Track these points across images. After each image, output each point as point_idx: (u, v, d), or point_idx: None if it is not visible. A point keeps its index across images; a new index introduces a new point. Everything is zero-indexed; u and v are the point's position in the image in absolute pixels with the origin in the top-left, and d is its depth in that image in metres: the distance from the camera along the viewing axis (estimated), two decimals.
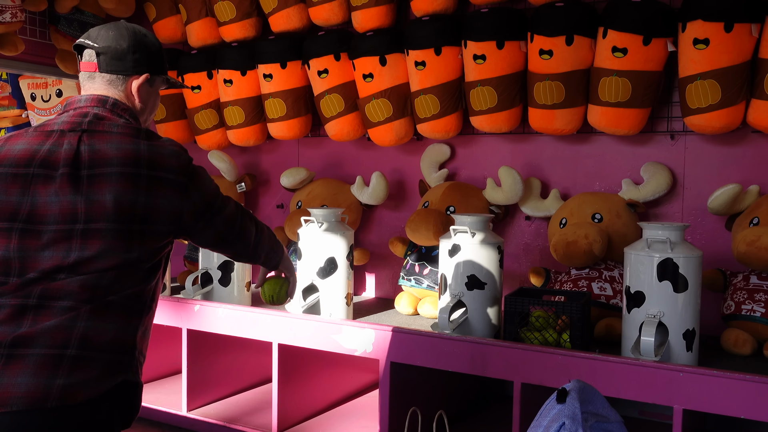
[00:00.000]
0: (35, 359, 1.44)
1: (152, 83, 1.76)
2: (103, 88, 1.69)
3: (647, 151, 3.06)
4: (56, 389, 1.43)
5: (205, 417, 3.21)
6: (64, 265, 1.50)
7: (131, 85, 1.70)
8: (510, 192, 3.10)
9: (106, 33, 1.68)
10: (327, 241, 2.95)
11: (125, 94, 1.70)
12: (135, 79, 1.71)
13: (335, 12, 3.41)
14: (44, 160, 1.55)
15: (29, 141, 1.59)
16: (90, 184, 1.52)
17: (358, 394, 3.48)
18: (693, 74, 2.68)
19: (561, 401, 1.36)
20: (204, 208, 1.67)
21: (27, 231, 1.52)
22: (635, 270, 2.41)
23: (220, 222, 1.72)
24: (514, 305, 2.60)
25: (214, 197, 1.70)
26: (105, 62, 1.68)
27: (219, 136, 3.93)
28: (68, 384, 1.45)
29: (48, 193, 1.52)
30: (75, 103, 1.67)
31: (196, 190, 1.64)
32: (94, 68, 1.68)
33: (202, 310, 3.14)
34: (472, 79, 3.07)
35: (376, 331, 2.71)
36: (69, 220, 1.51)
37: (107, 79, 1.68)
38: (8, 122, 4.84)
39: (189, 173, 1.62)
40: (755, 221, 2.65)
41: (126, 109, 1.68)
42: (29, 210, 1.53)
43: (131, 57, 1.69)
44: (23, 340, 1.46)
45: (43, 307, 1.48)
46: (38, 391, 1.42)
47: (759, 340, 2.57)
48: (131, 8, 3.90)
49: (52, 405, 1.43)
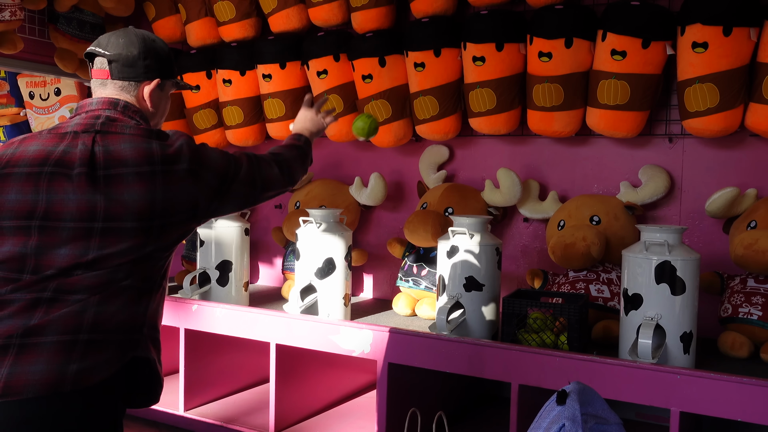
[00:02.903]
0: (48, 347, 1.47)
1: (163, 88, 1.80)
2: (115, 93, 1.72)
3: (645, 154, 3.06)
4: (71, 374, 1.47)
5: (202, 417, 3.21)
6: (82, 262, 1.52)
7: (143, 90, 1.74)
8: (508, 194, 3.10)
9: (117, 40, 1.72)
10: (325, 241, 2.95)
11: (137, 99, 1.74)
12: (146, 84, 1.74)
13: (335, 13, 3.41)
14: (59, 160, 1.57)
15: (43, 142, 1.62)
16: (107, 185, 1.55)
17: (355, 394, 3.48)
18: (691, 77, 2.69)
19: (561, 403, 1.36)
20: (219, 183, 1.71)
21: (45, 228, 1.54)
22: (633, 272, 2.41)
23: (239, 187, 1.76)
24: (512, 307, 2.61)
25: (225, 168, 1.73)
26: (117, 69, 1.72)
27: (218, 135, 3.93)
28: (82, 368, 1.48)
29: (65, 191, 1.55)
30: (87, 106, 1.70)
31: (207, 171, 1.68)
32: (106, 76, 1.72)
33: (199, 310, 3.14)
34: (471, 80, 3.08)
35: (374, 331, 2.71)
36: (87, 218, 1.54)
37: (119, 86, 1.72)
38: (6, 120, 4.83)
39: (198, 159, 1.66)
40: (753, 224, 2.65)
41: (137, 111, 1.71)
42: (45, 207, 1.55)
43: (142, 63, 1.73)
44: (35, 330, 1.48)
45: (58, 300, 1.51)
46: (52, 377, 1.45)
47: (756, 343, 2.58)
48: (131, 7, 3.89)
49: (67, 390, 1.46)
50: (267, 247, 4.06)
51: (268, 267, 4.10)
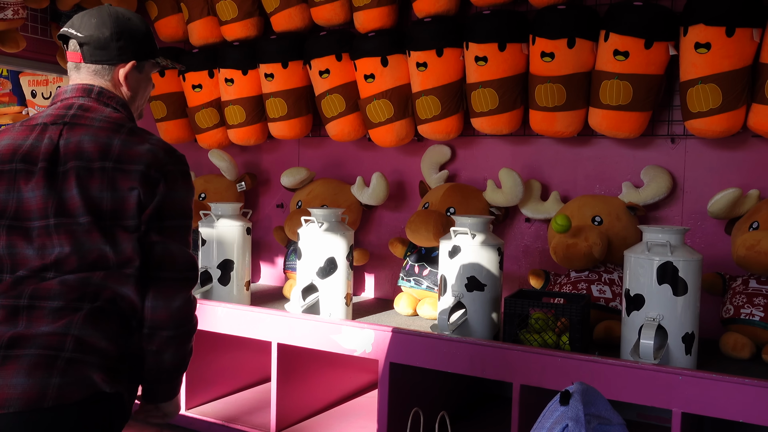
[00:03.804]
0: (29, 359, 1.42)
1: (141, 69, 1.69)
2: (89, 78, 1.64)
3: (648, 155, 3.06)
4: (52, 389, 1.40)
5: (203, 416, 3.21)
6: (48, 263, 1.48)
7: (118, 73, 1.64)
8: (510, 194, 3.10)
9: (89, 20, 1.62)
10: (327, 241, 2.95)
11: (113, 83, 1.64)
12: (121, 67, 1.64)
13: (337, 12, 3.41)
14: (26, 155, 1.53)
15: (14, 136, 1.57)
16: (64, 180, 1.49)
17: (356, 394, 3.49)
18: (694, 78, 2.69)
19: (564, 403, 1.36)
20: (156, 214, 1.53)
21: (14, 228, 1.51)
22: (635, 273, 2.41)
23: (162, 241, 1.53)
24: (514, 307, 2.61)
25: (174, 211, 1.55)
26: (89, 53, 1.62)
27: (219, 135, 3.93)
28: (64, 383, 1.42)
29: (28, 189, 1.51)
30: (62, 94, 1.63)
31: (164, 191, 1.52)
32: (79, 59, 1.63)
33: (201, 309, 3.14)
34: (474, 80, 3.08)
35: (376, 331, 2.71)
36: (44, 216, 1.50)
37: (93, 70, 1.63)
38: (8, 119, 4.84)
39: (164, 172, 1.53)
40: (755, 225, 2.65)
41: (112, 97, 1.63)
42: (16, 206, 1.51)
43: (115, 45, 1.62)
44: (19, 340, 1.44)
45: (35, 307, 1.46)
46: (34, 392, 1.39)
47: (758, 344, 2.58)
48: (133, 6, 3.89)
49: (48, 405, 1.40)
50: (269, 247, 4.07)
51: (270, 266, 4.10)
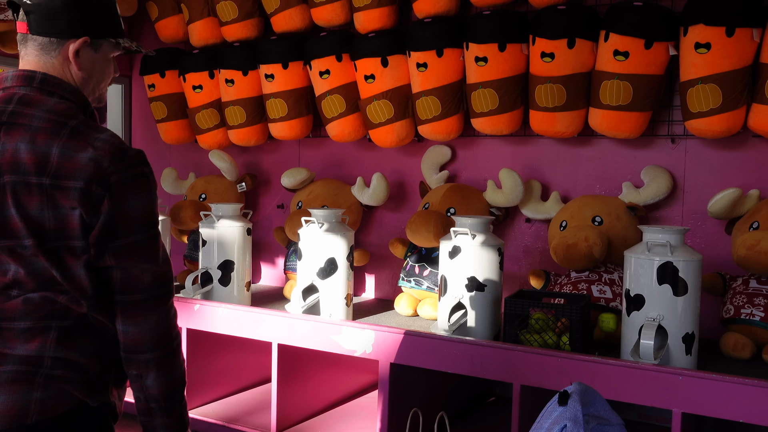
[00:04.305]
0: (7, 376, 1.35)
1: (97, 48, 1.48)
2: (34, 54, 1.43)
3: (648, 155, 3.06)
4: (34, 403, 1.34)
5: (204, 416, 3.21)
6: (9, 282, 1.38)
7: (68, 49, 1.43)
8: (510, 194, 3.10)
9: None
10: (327, 241, 2.96)
11: (60, 61, 1.44)
12: (72, 43, 1.43)
13: (337, 13, 3.41)
14: None
15: None
16: (2, 196, 1.34)
17: (357, 394, 3.48)
18: (694, 78, 2.69)
19: (563, 403, 1.36)
20: (105, 234, 1.35)
21: None
22: (635, 273, 2.41)
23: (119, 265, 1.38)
24: (514, 307, 2.61)
25: (129, 226, 1.37)
26: (35, 22, 1.41)
27: (220, 135, 3.93)
28: (46, 396, 1.35)
29: None
30: (3, 82, 1.43)
31: (110, 209, 1.35)
32: (25, 29, 1.43)
33: (201, 310, 3.14)
34: (474, 81, 3.08)
35: (376, 332, 2.71)
36: None
37: (39, 43, 1.43)
38: None
39: (108, 185, 1.34)
40: (755, 225, 2.65)
41: (58, 84, 1.43)
42: None
43: (65, 17, 1.41)
44: None
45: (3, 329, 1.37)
46: (15, 408, 1.33)
47: (758, 344, 2.58)
48: (133, 7, 3.90)
49: (32, 420, 1.34)
50: (269, 247, 4.07)
51: (270, 267, 4.10)
